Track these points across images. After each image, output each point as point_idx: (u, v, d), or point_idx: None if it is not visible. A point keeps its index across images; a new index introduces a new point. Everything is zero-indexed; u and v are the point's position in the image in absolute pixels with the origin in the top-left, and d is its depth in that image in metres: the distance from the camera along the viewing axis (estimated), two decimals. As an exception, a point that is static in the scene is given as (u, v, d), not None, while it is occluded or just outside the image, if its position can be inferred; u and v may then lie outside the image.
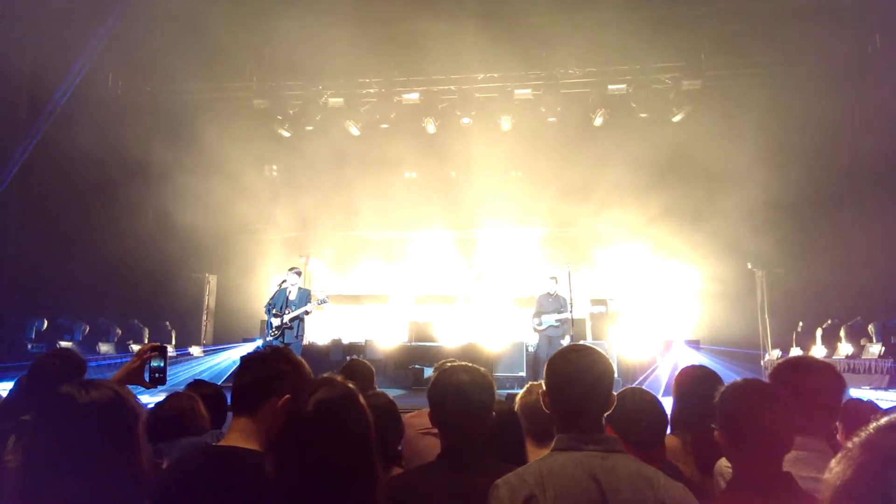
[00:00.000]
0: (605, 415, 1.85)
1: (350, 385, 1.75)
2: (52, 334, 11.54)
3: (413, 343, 11.07)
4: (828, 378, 2.43)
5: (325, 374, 1.83)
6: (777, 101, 12.35)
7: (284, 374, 2.05)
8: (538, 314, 10.31)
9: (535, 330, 10.41)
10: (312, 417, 1.63)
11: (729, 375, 3.10)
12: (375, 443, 1.69)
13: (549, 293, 10.37)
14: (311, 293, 9.34)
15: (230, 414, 2.21)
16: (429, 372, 10.08)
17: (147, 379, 2.58)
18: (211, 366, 11.55)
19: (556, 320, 10.12)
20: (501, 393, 3.37)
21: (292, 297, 9.11)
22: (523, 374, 10.41)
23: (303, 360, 2.17)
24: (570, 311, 9.98)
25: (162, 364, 2.61)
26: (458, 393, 2.14)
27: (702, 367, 3.00)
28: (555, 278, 10.46)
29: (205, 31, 11.42)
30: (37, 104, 12.41)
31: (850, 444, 0.86)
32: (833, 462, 0.87)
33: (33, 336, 11.29)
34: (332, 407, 1.65)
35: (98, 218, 12.81)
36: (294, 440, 1.63)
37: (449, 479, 2.04)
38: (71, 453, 1.42)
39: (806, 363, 2.57)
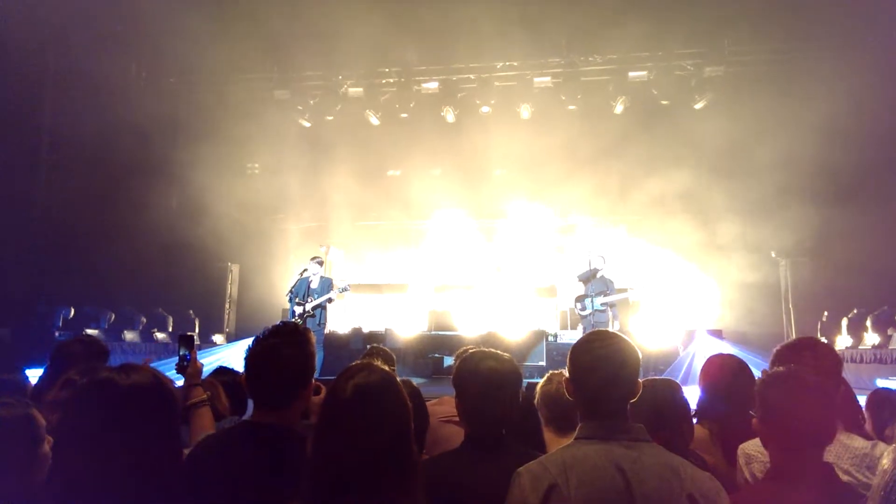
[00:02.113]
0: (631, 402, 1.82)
1: (388, 370, 1.74)
2: (78, 322, 11.76)
3: (433, 332, 11.08)
4: (830, 362, 2.48)
5: (364, 360, 1.81)
6: (801, 87, 12.10)
7: (296, 365, 2.05)
8: (581, 298, 9.65)
9: (580, 315, 9.76)
10: (351, 402, 1.62)
11: (755, 366, 3.06)
12: (413, 429, 1.68)
13: (593, 273, 9.67)
14: (333, 282, 9.40)
15: (251, 401, 2.22)
16: (449, 361, 10.08)
17: (175, 367, 2.74)
18: (234, 354, 11.66)
19: (602, 304, 9.41)
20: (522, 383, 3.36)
21: (314, 285, 9.19)
22: (543, 363, 10.36)
23: (308, 336, 2.14)
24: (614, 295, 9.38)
25: (188, 353, 2.73)
26: (486, 380, 2.12)
27: (730, 356, 2.94)
28: (602, 257, 9.79)
29: (226, 22, 11.48)
30: (62, 96, 12.59)
31: None
32: (885, 455, 0.84)
33: (60, 324, 11.51)
34: (371, 392, 1.64)
35: (122, 208, 12.98)
36: (332, 425, 1.62)
37: (473, 465, 2.03)
38: (113, 435, 1.44)
39: (808, 344, 2.60)
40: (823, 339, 10.05)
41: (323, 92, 14.03)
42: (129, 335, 12.04)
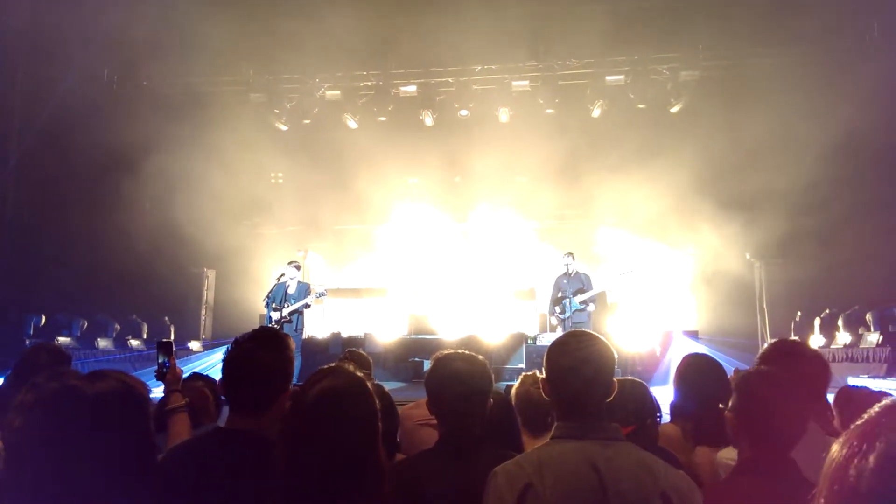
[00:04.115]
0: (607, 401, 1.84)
1: (358, 373, 1.71)
2: (49, 330, 11.53)
3: (412, 336, 11.06)
4: (818, 366, 2.51)
5: (333, 364, 1.78)
6: (775, 90, 12.32)
7: (274, 369, 2.03)
8: (559, 301, 9.39)
9: (558, 319, 9.45)
10: (314, 408, 1.60)
11: (728, 366, 3.10)
12: (381, 432, 1.66)
13: (566, 273, 9.45)
14: (310, 287, 9.34)
15: (225, 408, 2.20)
16: (428, 364, 10.04)
17: (155, 374, 2.80)
18: (210, 360, 11.52)
19: (581, 302, 9.17)
20: (501, 385, 3.38)
21: (291, 290, 9.11)
22: (523, 365, 10.38)
23: (287, 341, 2.12)
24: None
25: (167, 359, 2.79)
26: (456, 380, 2.13)
27: (703, 356, 2.99)
28: (571, 254, 9.56)
29: (201, 25, 11.36)
30: (32, 99, 12.37)
31: (851, 427, 0.85)
32: (834, 444, 0.86)
33: (31, 332, 11.28)
34: (335, 397, 1.61)
35: (95, 213, 12.77)
36: (296, 431, 1.60)
37: (447, 466, 2.03)
38: (78, 443, 1.40)
39: (798, 350, 2.62)
40: (808, 343, 10.24)
41: (300, 95, 13.95)
42: (103, 342, 11.85)
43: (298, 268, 9.44)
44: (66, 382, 1.47)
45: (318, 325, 12.72)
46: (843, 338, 10.09)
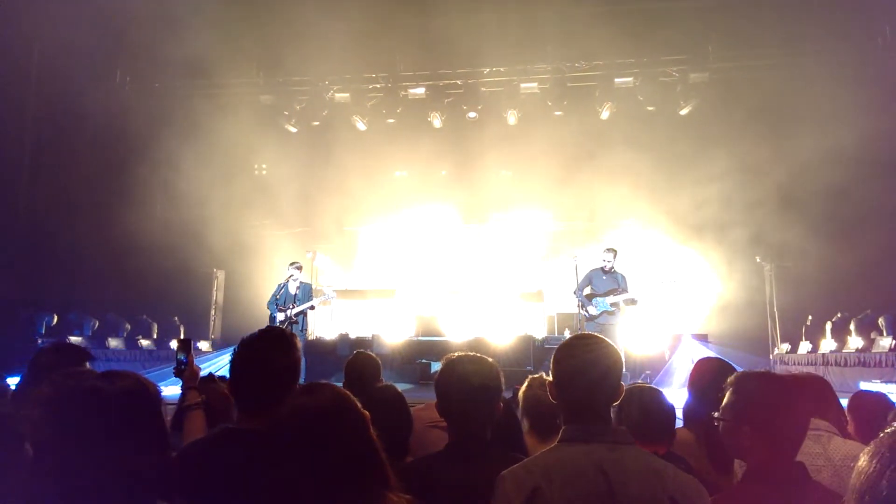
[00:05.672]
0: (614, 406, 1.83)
1: (341, 392, 1.63)
2: (61, 329, 11.63)
3: (420, 338, 11.07)
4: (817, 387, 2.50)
5: (322, 381, 1.75)
6: (784, 93, 12.25)
7: (281, 369, 2.03)
8: (590, 297, 8.84)
9: (586, 316, 8.89)
10: (288, 427, 1.57)
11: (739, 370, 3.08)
12: (371, 451, 1.59)
13: (602, 269, 8.92)
14: (314, 288, 9.37)
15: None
16: (436, 366, 10.03)
17: (174, 371, 2.91)
18: (221, 361, 11.57)
19: (612, 304, 8.64)
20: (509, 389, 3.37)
21: (296, 291, 9.15)
22: (531, 368, 10.36)
23: (294, 341, 2.13)
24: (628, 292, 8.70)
25: (185, 357, 2.89)
26: (465, 383, 2.12)
27: (718, 360, 2.93)
28: (613, 250, 8.98)
29: (211, 27, 11.43)
30: (45, 100, 12.48)
31: (880, 437, 0.84)
32: (862, 455, 0.85)
33: (43, 331, 11.38)
34: (308, 418, 1.56)
35: (106, 214, 12.86)
36: (275, 448, 1.58)
37: (456, 469, 2.03)
38: (99, 441, 1.42)
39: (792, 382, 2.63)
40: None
41: (309, 97, 14.00)
42: (114, 342, 11.93)
43: (300, 268, 9.48)
44: (85, 380, 1.50)
45: (326, 326, 12.76)
46: (854, 342, 10.01)
